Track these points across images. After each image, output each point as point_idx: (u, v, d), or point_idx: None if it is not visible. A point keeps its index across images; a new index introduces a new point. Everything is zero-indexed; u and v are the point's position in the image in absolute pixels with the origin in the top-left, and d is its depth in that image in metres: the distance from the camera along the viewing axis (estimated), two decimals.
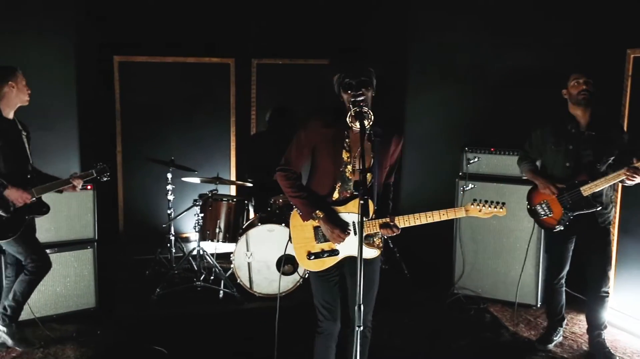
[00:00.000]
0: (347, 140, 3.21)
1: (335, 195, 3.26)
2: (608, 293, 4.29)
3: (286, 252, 5.23)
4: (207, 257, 5.59)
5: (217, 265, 5.55)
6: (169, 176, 5.88)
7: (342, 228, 3.19)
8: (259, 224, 5.48)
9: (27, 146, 4.24)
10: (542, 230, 5.15)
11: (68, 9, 6.46)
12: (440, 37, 6.64)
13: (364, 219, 2.98)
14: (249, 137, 7.35)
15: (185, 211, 5.96)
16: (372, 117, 3.02)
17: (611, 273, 4.29)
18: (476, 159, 5.33)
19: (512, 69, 5.81)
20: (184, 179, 5.96)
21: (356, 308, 2.85)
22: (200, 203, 5.60)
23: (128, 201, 7.11)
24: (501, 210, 3.22)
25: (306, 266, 3.32)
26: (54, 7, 6.25)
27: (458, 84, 6.48)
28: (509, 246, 5.32)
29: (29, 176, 4.20)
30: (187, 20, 6.97)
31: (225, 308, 5.30)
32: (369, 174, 3.17)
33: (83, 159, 6.62)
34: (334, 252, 3.27)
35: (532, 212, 4.42)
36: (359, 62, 3.18)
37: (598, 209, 4.13)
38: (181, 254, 6.23)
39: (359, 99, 3.10)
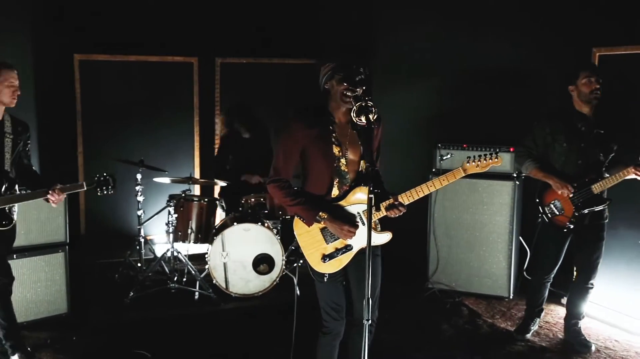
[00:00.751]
0: (334, 134, 3.19)
1: (335, 192, 3.22)
2: (593, 285, 4.41)
3: (265, 252, 5.30)
4: (182, 258, 5.48)
5: (192, 266, 5.46)
6: (139, 176, 5.74)
7: (351, 223, 3.15)
8: (235, 223, 5.42)
9: (7, 151, 3.89)
10: (516, 224, 5.31)
11: (25, 7, 6.24)
12: (405, 34, 6.73)
13: (372, 208, 2.98)
14: (214, 138, 7.27)
15: (160, 211, 5.83)
16: (376, 110, 3.01)
17: (599, 267, 4.41)
18: (449, 156, 5.41)
19: (479, 66, 5.94)
20: (155, 179, 5.83)
21: (364, 301, 2.88)
22: (174, 204, 5.49)
23: (90, 204, 6.90)
24: (496, 159, 3.25)
25: (323, 269, 3.23)
26: (9, 4, 6.02)
27: (424, 81, 6.57)
28: (481, 240, 5.44)
29: None
30: (149, 18, 6.83)
31: (201, 310, 5.22)
32: (362, 162, 3.20)
33: (42, 161, 6.41)
34: (347, 248, 3.23)
35: (542, 211, 4.41)
36: (358, 58, 3.18)
37: (607, 204, 4.23)
38: (151, 257, 6.09)
39: (348, 93, 3.07)
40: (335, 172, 3.20)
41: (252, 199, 5.83)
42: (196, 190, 7.28)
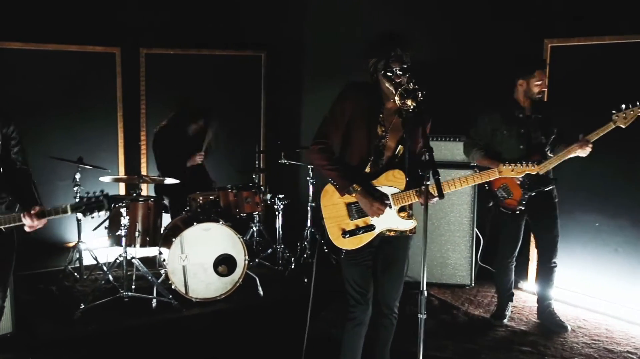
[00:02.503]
0: (381, 115, 3.19)
1: (368, 169, 3.20)
2: (556, 264, 4.58)
3: (226, 252, 5.04)
4: (137, 264, 5.02)
5: (148, 271, 5.03)
6: (78, 176, 5.21)
7: (381, 201, 3.11)
8: (195, 223, 5.06)
9: None
10: (474, 211, 5.41)
11: None
12: (339, 27, 6.65)
13: (399, 190, 3.16)
14: (140, 133, 6.78)
15: (110, 215, 5.29)
16: (422, 95, 2.92)
17: (559, 246, 4.58)
18: None
19: (432, 58, 5.98)
20: (101, 178, 5.29)
21: (421, 296, 2.83)
22: (126, 204, 5.01)
23: None
24: (533, 167, 3.33)
25: (341, 244, 3.17)
26: None
27: (356, 76, 6.48)
28: (441, 230, 5.48)
29: None
30: (68, 3, 6.24)
31: (162, 318, 4.79)
32: (400, 147, 3.20)
33: None
34: (369, 228, 3.18)
35: (492, 196, 4.56)
36: (399, 47, 3.09)
37: (553, 185, 4.40)
38: (94, 264, 5.54)
39: (398, 80, 3.05)
40: (374, 151, 3.19)
41: (201, 198, 5.47)
42: (120, 189, 6.78)
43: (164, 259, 5.06)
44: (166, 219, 5.62)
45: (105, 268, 5.33)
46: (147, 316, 4.81)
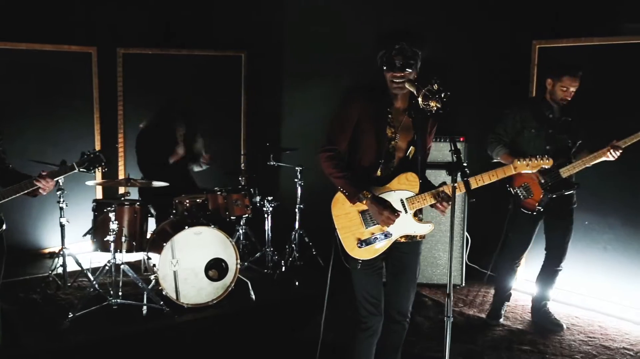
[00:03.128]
0: (389, 116, 3.12)
1: (379, 172, 3.13)
2: (562, 269, 4.61)
3: (217, 257, 4.91)
4: (127, 270, 4.86)
5: (137, 278, 4.87)
6: (61, 180, 5.01)
7: (391, 209, 3.01)
8: (187, 227, 4.93)
9: None
10: (465, 211, 5.42)
11: None
12: (318, 27, 6.61)
13: (413, 193, 3.09)
14: (118, 134, 6.60)
15: (96, 220, 5.10)
16: (446, 96, 2.87)
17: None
18: None
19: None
20: (88, 182, 5.11)
21: (447, 298, 2.79)
22: (114, 208, 4.84)
23: None
24: (547, 161, 3.28)
25: (358, 255, 3.08)
26: None
27: (336, 76, 6.52)
28: (433, 231, 5.45)
29: None
30: (43, 1, 6.01)
31: (155, 325, 4.65)
32: (412, 148, 3.15)
33: None
34: (386, 235, 3.08)
35: (512, 196, 4.51)
36: (404, 42, 3.02)
37: (574, 190, 4.41)
38: (77, 270, 5.34)
39: (395, 80, 3.00)
40: (384, 154, 3.12)
41: (187, 201, 5.35)
42: (97, 193, 6.58)
43: (154, 265, 4.91)
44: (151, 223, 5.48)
45: (90, 275, 5.13)
46: (139, 324, 4.65)
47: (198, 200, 5.41)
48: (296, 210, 5.86)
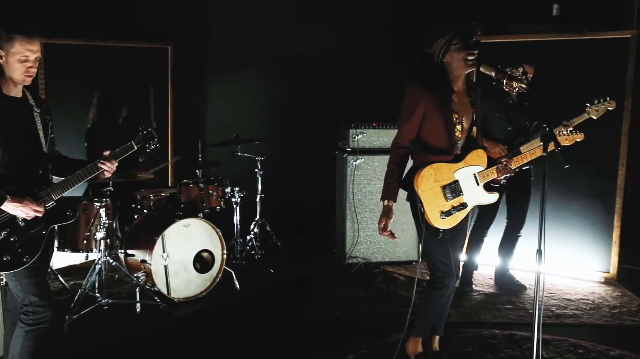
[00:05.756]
0: (453, 102, 3.39)
1: (451, 153, 3.42)
2: (521, 235, 5.22)
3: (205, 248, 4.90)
4: (122, 268, 4.64)
5: (131, 275, 4.68)
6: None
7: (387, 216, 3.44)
8: (177, 220, 4.82)
9: (41, 130, 3.03)
10: None
11: None
12: (243, 20, 6.78)
13: (483, 168, 3.48)
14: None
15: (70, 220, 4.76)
16: (527, 77, 3.23)
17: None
18: (362, 135, 5.71)
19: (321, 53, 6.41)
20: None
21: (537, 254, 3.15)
22: (104, 204, 4.59)
23: None
24: (580, 134, 3.85)
25: (441, 225, 3.37)
26: None
27: (259, 70, 6.90)
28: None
29: (40, 171, 3.02)
30: None
31: (152, 322, 4.51)
32: (475, 128, 3.48)
33: None
34: (463, 206, 3.42)
35: None
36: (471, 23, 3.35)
37: (532, 165, 5.01)
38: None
39: (471, 57, 3.28)
40: (452, 138, 3.39)
41: (151, 195, 5.22)
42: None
43: (143, 261, 4.75)
44: None
45: (60, 277, 4.79)
46: (138, 323, 4.51)
47: (163, 194, 5.30)
48: (257, 200, 5.92)
